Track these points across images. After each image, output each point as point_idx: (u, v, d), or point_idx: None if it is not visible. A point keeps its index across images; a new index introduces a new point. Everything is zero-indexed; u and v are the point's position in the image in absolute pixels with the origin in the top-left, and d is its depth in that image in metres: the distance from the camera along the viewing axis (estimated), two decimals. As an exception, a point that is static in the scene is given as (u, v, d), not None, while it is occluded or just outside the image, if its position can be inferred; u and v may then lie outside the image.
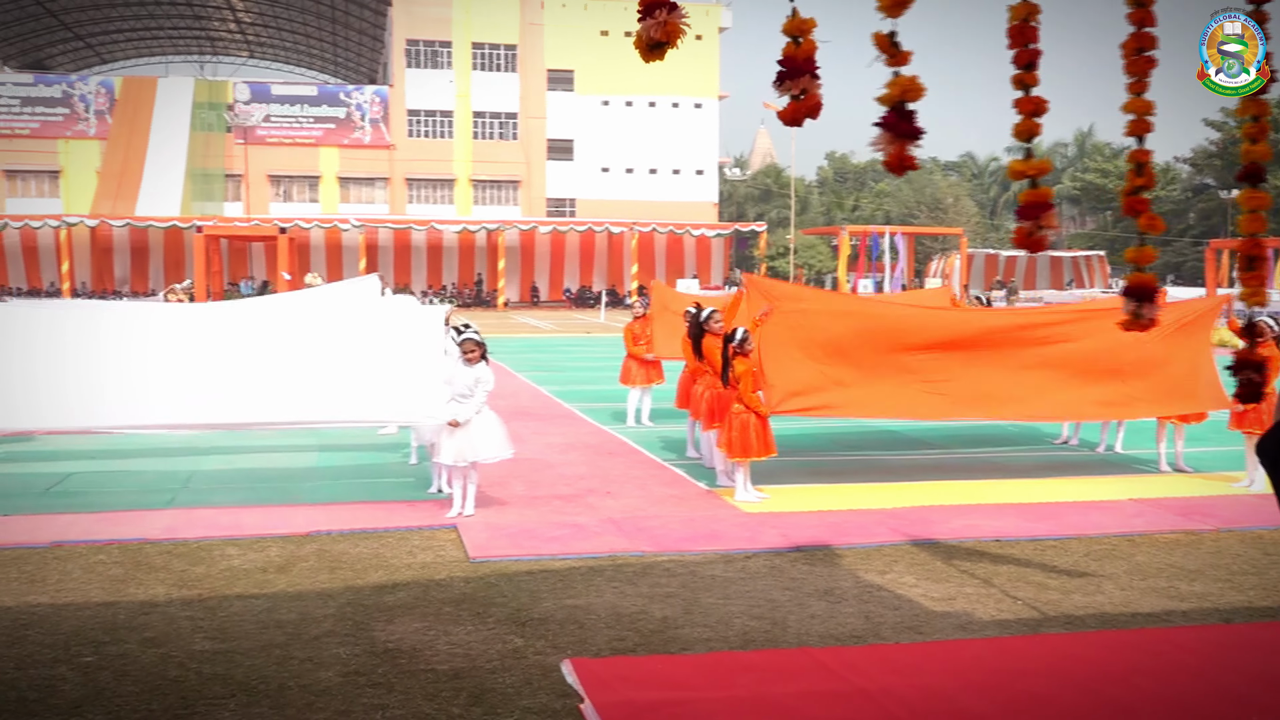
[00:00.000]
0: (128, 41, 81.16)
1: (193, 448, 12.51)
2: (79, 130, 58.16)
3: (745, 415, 9.81)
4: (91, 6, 73.10)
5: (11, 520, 9.17)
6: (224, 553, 8.16)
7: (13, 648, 6.10)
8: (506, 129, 60.50)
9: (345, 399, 9.52)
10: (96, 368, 9.42)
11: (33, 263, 54.69)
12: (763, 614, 6.80)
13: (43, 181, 58.09)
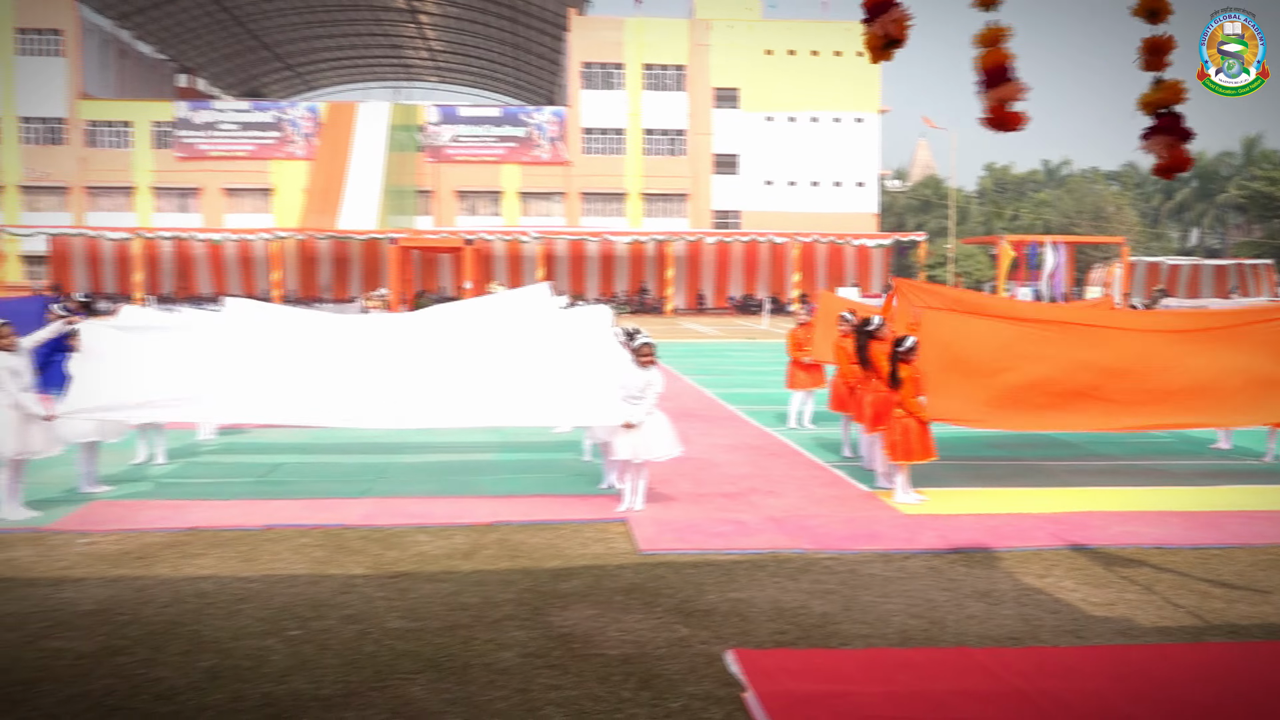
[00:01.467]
0: (332, 70, 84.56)
1: (388, 444, 12.92)
2: (289, 152, 60.78)
3: (907, 420, 9.64)
4: (301, 39, 76.44)
5: (230, 504, 9.66)
6: (415, 539, 8.42)
7: (230, 620, 6.41)
8: (675, 145, 60.72)
9: (527, 401, 9.72)
10: (309, 370, 9.81)
11: (248, 272, 57.47)
12: (921, 613, 6.67)
13: (257, 198, 60.93)
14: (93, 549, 8.12)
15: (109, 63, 63.69)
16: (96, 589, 7.06)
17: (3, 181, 58.98)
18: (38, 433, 9.15)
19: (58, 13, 58.57)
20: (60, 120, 59.30)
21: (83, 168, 59.20)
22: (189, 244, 56.77)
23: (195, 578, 7.33)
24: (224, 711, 5.07)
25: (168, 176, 59.89)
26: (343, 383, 9.75)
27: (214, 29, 70.94)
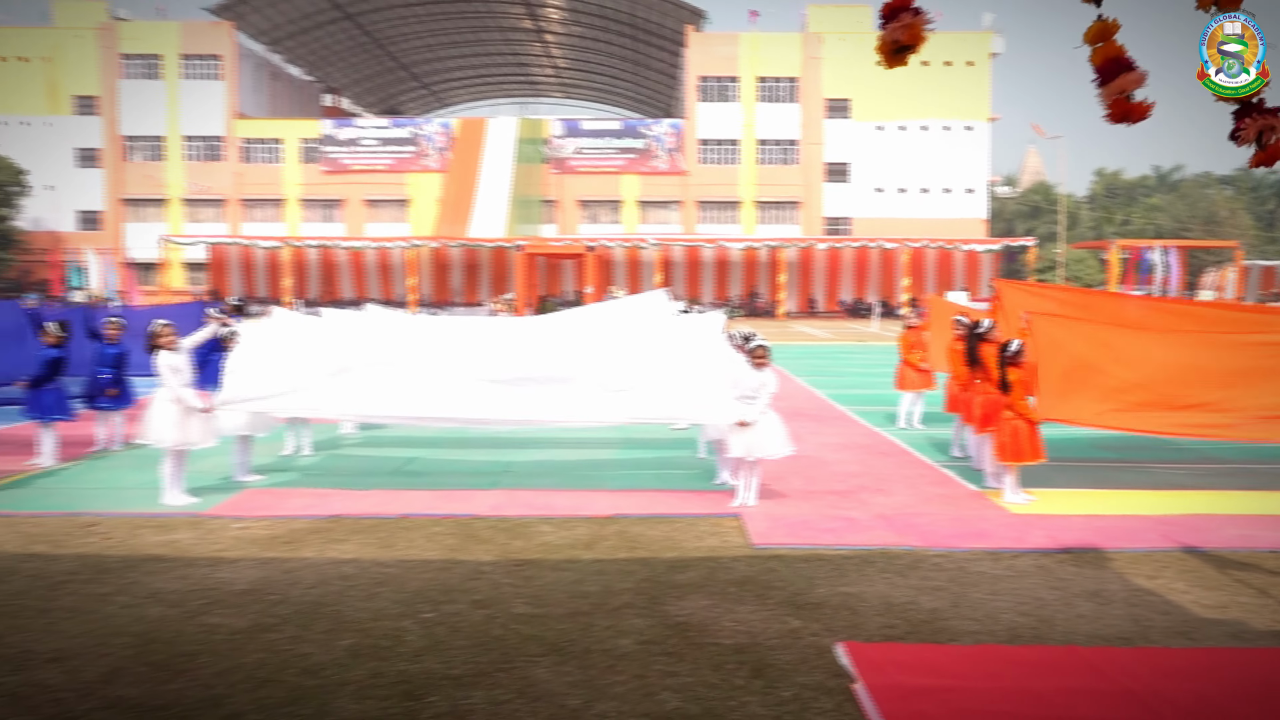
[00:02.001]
0: (464, 88, 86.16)
1: (514, 440, 13.10)
2: (424, 165, 62.08)
3: (1016, 421, 9.40)
4: (436, 60, 78.05)
5: (369, 494, 9.91)
6: (539, 529, 8.52)
7: (369, 602, 6.57)
8: (788, 155, 60.29)
9: (646, 400, 9.73)
10: (442, 371, 9.99)
11: (386, 277, 58.94)
12: (1029, 611, 6.49)
13: (395, 209, 62.39)
14: (245, 533, 8.41)
15: (262, 85, 65.93)
16: (249, 570, 7.30)
17: (168, 195, 61.52)
18: (196, 425, 9.52)
19: (218, 40, 60.87)
20: (219, 138, 61.60)
21: (238, 182, 61.40)
22: (333, 251, 58.44)
23: (338, 561, 7.53)
24: (364, 687, 5.20)
25: (314, 189, 61.74)
26: (473, 383, 9.90)
27: (357, 52, 72.91)
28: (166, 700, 5.03)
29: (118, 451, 12.23)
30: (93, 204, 61.66)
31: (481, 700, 5.06)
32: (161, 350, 9.45)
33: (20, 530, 8.47)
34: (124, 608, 6.45)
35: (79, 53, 61.12)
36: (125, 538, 8.23)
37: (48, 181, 60.21)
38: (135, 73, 61.32)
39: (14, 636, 5.91)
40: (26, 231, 58.33)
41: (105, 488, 10.22)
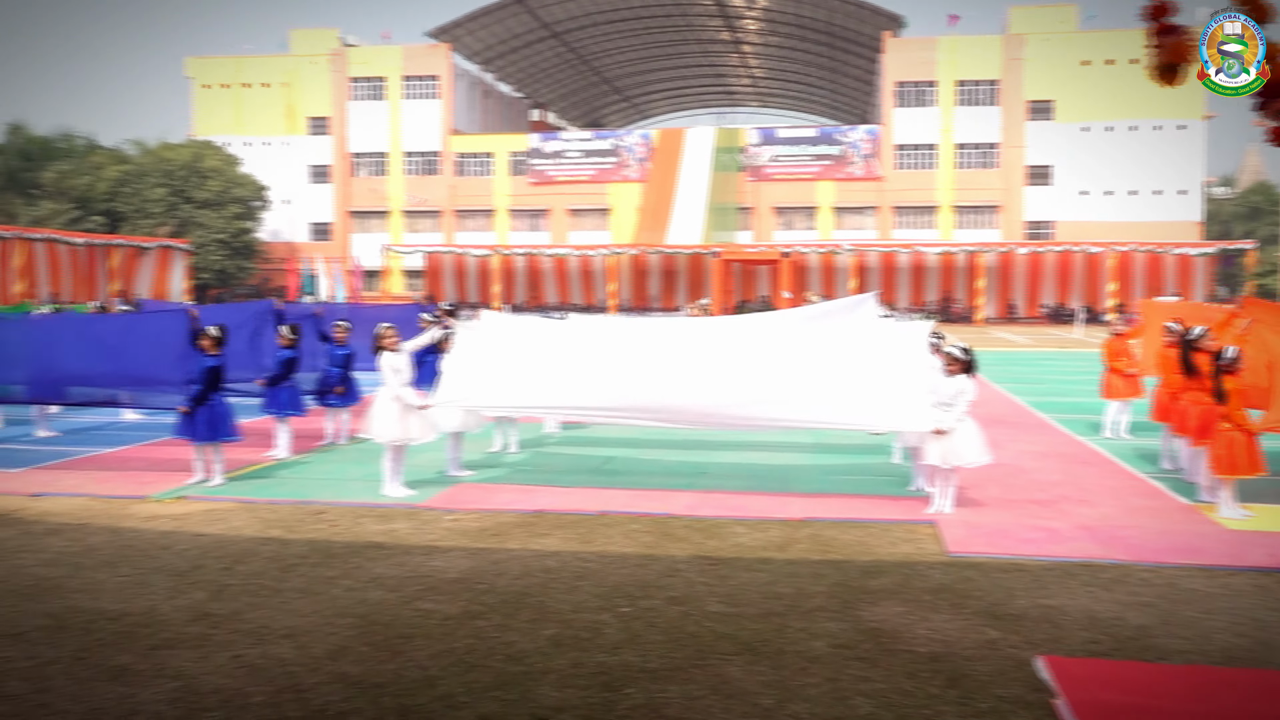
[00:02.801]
0: (663, 99, 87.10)
1: (709, 441, 13.13)
2: (624, 175, 63.09)
3: (1233, 432, 8.78)
4: (637, 74, 79.20)
5: (571, 491, 10.13)
6: (733, 530, 8.51)
7: (570, 594, 6.71)
8: (987, 158, 58.30)
9: (844, 405, 9.54)
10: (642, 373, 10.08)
11: (587, 284, 60.20)
12: (1247, 632, 6.05)
13: (596, 218, 63.67)
14: (457, 525, 8.73)
15: (475, 102, 68.46)
16: (460, 560, 7.58)
17: (390, 207, 64.64)
18: (415, 422, 9.96)
19: (436, 62, 63.58)
20: (436, 153, 64.32)
21: (452, 194, 63.94)
22: (538, 259, 60.11)
23: (541, 554, 7.72)
24: (565, 676, 5.32)
25: (521, 199, 63.65)
26: (674, 384, 9.93)
27: (563, 68, 74.79)
28: (385, 679, 5.27)
29: (344, 445, 12.92)
30: (324, 216, 65.44)
31: (677, 695, 5.09)
32: (385, 351, 9.93)
33: (258, 515, 9.06)
34: (348, 590, 6.80)
35: (313, 77, 64.99)
36: (350, 525, 8.68)
37: (285, 196, 64.24)
38: (362, 94, 64.73)
39: (253, 613, 6.32)
40: (266, 242, 62.40)
41: (332, 479, 10.81)
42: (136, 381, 11.78)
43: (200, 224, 56.47)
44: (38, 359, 12.07)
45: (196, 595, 6.69)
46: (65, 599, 6.60)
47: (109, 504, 9.61)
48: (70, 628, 6.04)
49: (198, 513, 9.22)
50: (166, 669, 5.38)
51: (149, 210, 56.36)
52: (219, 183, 57.53)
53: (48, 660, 5.51)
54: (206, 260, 56.43)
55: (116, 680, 5.23)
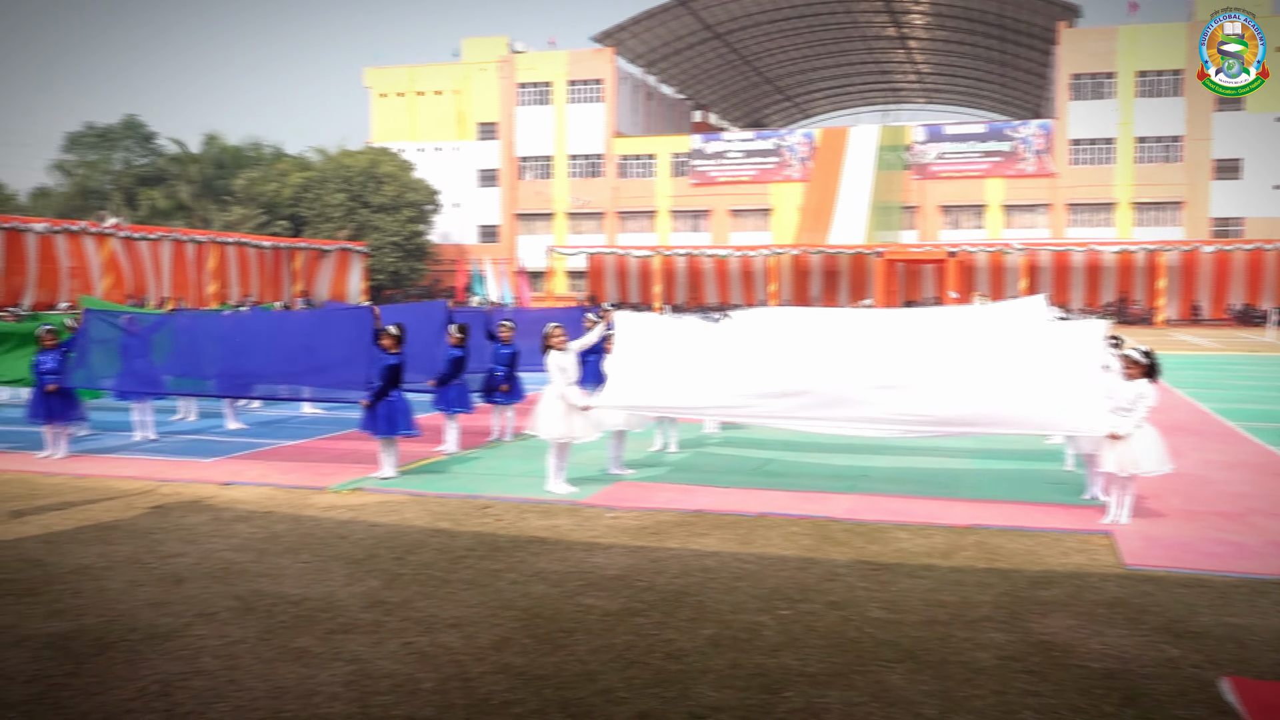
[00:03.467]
0: (826, 98, 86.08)
1: (870, 445, 12.91)
2: (786, 175, 62.65)
3: None
4: (799, 73, 78.52)
5: (730, 491, 10.12)
6: (895, 535, 8.34)
7: (729, 595, 6.71)
8: (1170, 152, 55.41)
9: (1013, 407, 9.20)
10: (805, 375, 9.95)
11: (747, 284, 59.99)
12: None
13: (757, 218, 63.43)
14: (617, 522, 8.84)
15: (638, 105, 69.14)
16: (620, 557, 7.67)
17: (554, 209, 65.92)
18: (578, 421, 10.12)
19: (600, 66, 64.52)
20: (599, 156, 65.25)
21: (615, 195, 64.74)
22: (699, 259, 60.23)
23: (700, 554, 7.74)
24: (723, 676, 5.31)
25: (683, 201, 63.95)
26: (837, 388, 9.76)
27: (725, 69, 74.78)
28: (547, 671, 5.38)
29: (509, 442, 13.25)
30: (491, 219, 67.23)
31: (836, 700, 5.02)
32: (552, 350, 10.14)
33: (428, 508, 9.38)
34: (512, 583, 6.97)
35: (482, 84, 66.85)
36: (514, 520, 8.89)
37: (455, 199, 66.29)
38: (529, 99, 66.21)
39: (422, 602, 6.55)
40: (436, 244, 64.52)
41: (498, 474, 11.10)
42: (320, 377, 12.37)
43: (376, 227, 58.84)
44: (228, 356, 12.80)
45: (371, 583, 6.97)
46: (251, 582, 6.98)
47: (291, 494, 10.12)
48: (256, 610, 6.38)
49: (372, 504, 9.61)
50: (343, 652, 5.62)
51: (329, 214, 59.06)
52: (394, 187, 59.82)
53: (236, 640, 5.83)
54: (381, 262, 58.75)
55: (297, 661, 5.50)
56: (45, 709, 4.87)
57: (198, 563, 7.49)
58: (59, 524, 8.74)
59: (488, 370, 13.32)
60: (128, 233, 43.70)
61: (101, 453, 12.54)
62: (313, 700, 4.97)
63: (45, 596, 6.65)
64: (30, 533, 8.42)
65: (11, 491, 10.22)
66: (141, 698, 5.01)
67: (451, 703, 4.97)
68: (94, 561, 7.50)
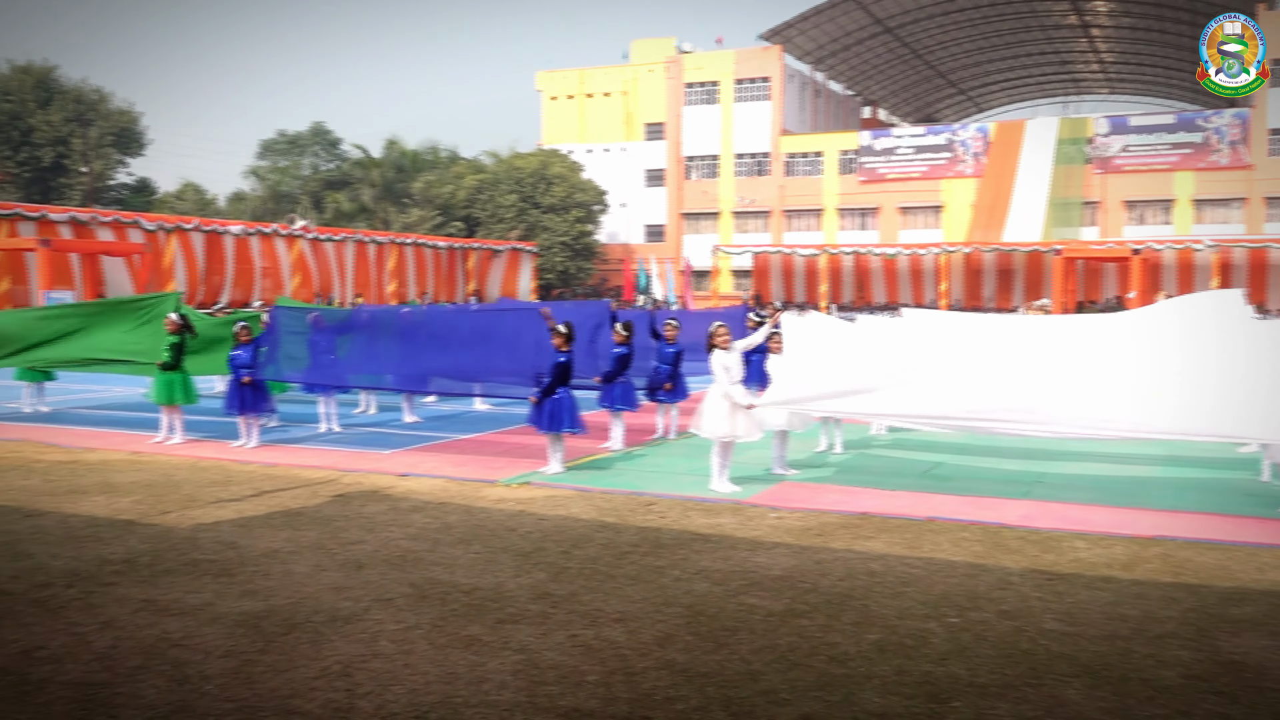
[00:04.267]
0: (1001, 91, 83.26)
1: (1046, 450, 12.44)
2: (958, 170, 60.94)
3: None
4: (973, 65, 76.23)
5: (897, 494, 9.92)
6: (1072, 545, 8.01)
7: (895, 600, 6.57)
8: (1387, 141, 51.51)
9: (1206, 413, 8.64)
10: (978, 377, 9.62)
11: (917, 283, 58.59)
12: None
13: (928, 215, 61.91)
14: (781, 522, 8.78)
15: (805, 102, 68.48)
16: (783, 557, 7.62)
17: (720, 208, 65.96)
18: (742, 420, 10.10)
19: (767, 64, 64.21)
20: (765, 154, 64.94)
21: (781, 194, 64.30)
22: (866, 258, 59.17)
23: (866, 557, 7.61)
24: (888, 682, 5.21)
25: (850, 198, 62.99)
26: (1010, 390, 9.40)
27: (895, 64, 73.30)
28: (710, 669, 5.39)
29: (673, 440, 13.33)
30: (658, 218, 67.76)
31: (1007, 713, 4.86)
32: (717, 349, 10.15)
33: (594, 504, 9.53)
34: (675, 580, 7.01)
35: (650, 85, 67.45)
36: (678, 518, 8.94)
37: (622, 199, 67.09)
38: (696, 99, 66.43)
39: (587, 596, 6.66)
40: (604, 244, 65.45)
41: (662, 472, 11.18)
42: (492, 374, 12.77)
43: (546, 227, 60.12)
44: (406, 352, 13.33)
45: (538, 575, 7.13)
46: (426, 571, 7.24)
47: (463, 486, 10.45)
48: (430, 597, 6.61)
49: (540, 498, 9.83)
50: (511, 642, 5.77)
51: (501, 215, 60.69)
52: (563, 188, 61.00)
53: (411, 625, 6.06)
54: (551, 261, 60.00)
55: (468, 649, 5.67)
56: (239, 683, 5.17)
57: (376, 550, 7.82)
58: (251, 510, 9.27)
59: (652, 368, 13.43)
60: (315, 234, 45.98)
61: (289, 443, 13.23)
62: (482, 687, 5.12)
63: (239, 577, 7.06)
64: (226, 517, 8.96)
65: (209, 478, 10.89)
66: (324, 677, 5.26)
67: (615, 696, 5.04)
68: (282, 546, 7.92)
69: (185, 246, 41.02)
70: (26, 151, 61.64)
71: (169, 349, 13.20)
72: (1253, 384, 8.53)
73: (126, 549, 7.81)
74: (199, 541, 8.07)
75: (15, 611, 6.30)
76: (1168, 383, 8.87)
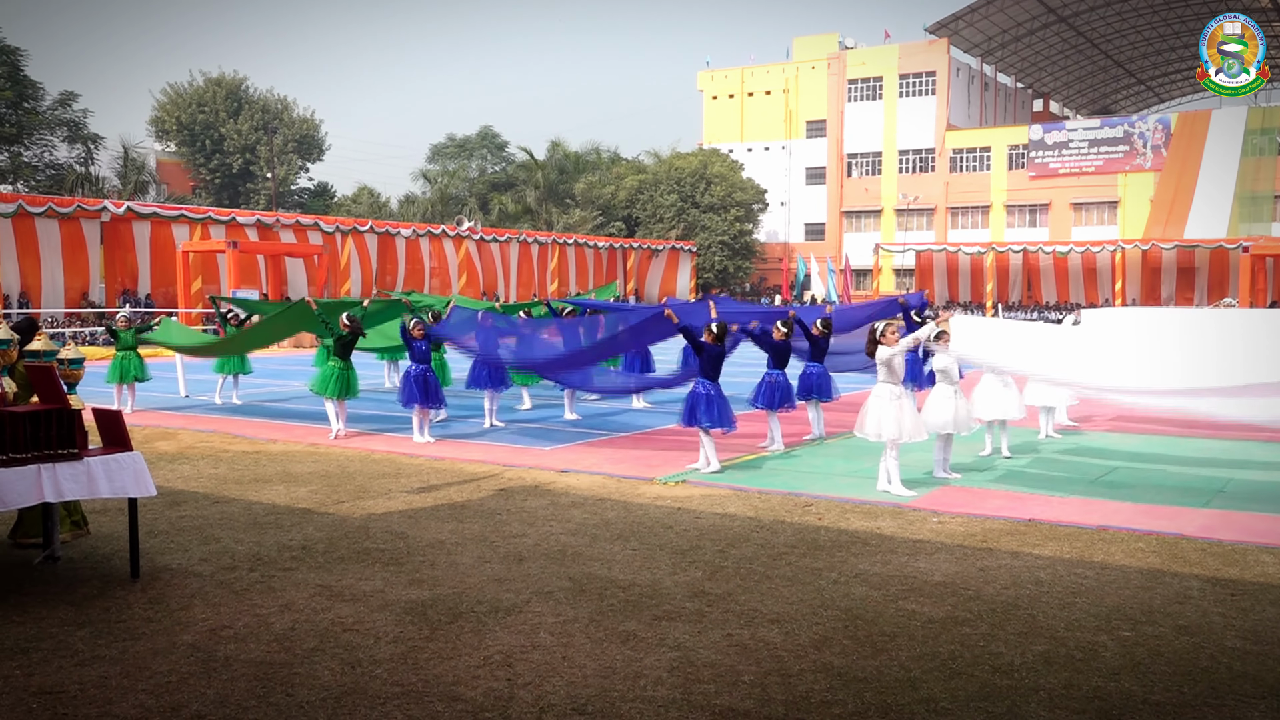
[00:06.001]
0: (1184, 80, 78.97)
1: (1228, 459, 11.75)
2: (1136, 164, 58.20)
3: None
4: (1153, 54, 72.63)
5: (1066, 501, 9.53)
6: (1259, 558, 7.54)
7: (1063, 610, 6.31)
8: None
9: None
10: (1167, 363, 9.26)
11: (1090, 281, 56.18)
12: None
13: (1102, 211, 59.33)
14: (943, 527, 8.56)
15: (973, 96, 66.55)
16: (945, 563, 7.42)
17: (882, 205, 64.73)
18: (909, 421, 9.89)
19: (933, 58, 62.70)
20: (930, 150, 63.40)
21: (946, 190, 62.66)
22: (1035, 256, 57.10)
23: (1032, 565, 7.35)
24: (1055, 696, 5.02)
25: (1019, 194, 60.92)
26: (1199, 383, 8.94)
27: (1069, 54, 70.49)
28: (867, 674, 5.30)
29: (828, 440, 13.15)
30: (817, 216, 67.03)
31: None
32: (881, 347, 9.96)
33: (751, 503, 9.49)
34: (833, 583, 6.91)
35: (811, 83, 66.77)
36: (836, 519, 8.82)
37: (781, 198, 66.65)
38: (858, 95, 65.42)
39: (743, 595, 6.64)
40: (762, 242, 65.13)
41: (819, 473, 11.05)
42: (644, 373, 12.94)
43: (705, 227, 60.23)
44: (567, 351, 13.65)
45: (694, 574, 7.15)
46: (584, 566, 7.35)
47: (621, 483, 10.56)
48: (588, 591, 6.71)
49: (697, 496, 9.86)
50: (667, 639, 5.81)
51: (661, 215, 61.11)
52: (722, 188, 60.99)
53: (569, 619, 6.17)
54: (709, 260, 60.07)
55: (625, 644, 5.73)
56: (406, 669, 5.36)
57: (537, 544, 7.99)
58: (419, 502, 9.61)
59: (803, 368, 13.28)
60: (481, 235, 47.30)
61: (456, 438, 13.65)
62: (639, 683, 5.17)
63: (407, 566, 7.33)
64: (396, 508, 9.31)
65: (381, 470, 11.34)
66: (486, 665, 5.41)
67: (771, 697, 5.01)
68: (447, 537, 8.18)
69: (360, 247, 42.83)
70: (218, 159, 65.51)
71: (338, 344, 13.77)
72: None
73: (304, 536, 8.20)
74: (370, 531, 8.41)
75: (204, 592, 6.71)
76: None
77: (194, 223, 37.42)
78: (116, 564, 7.35)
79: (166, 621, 6.09)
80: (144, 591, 6.70)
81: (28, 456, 6.59)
